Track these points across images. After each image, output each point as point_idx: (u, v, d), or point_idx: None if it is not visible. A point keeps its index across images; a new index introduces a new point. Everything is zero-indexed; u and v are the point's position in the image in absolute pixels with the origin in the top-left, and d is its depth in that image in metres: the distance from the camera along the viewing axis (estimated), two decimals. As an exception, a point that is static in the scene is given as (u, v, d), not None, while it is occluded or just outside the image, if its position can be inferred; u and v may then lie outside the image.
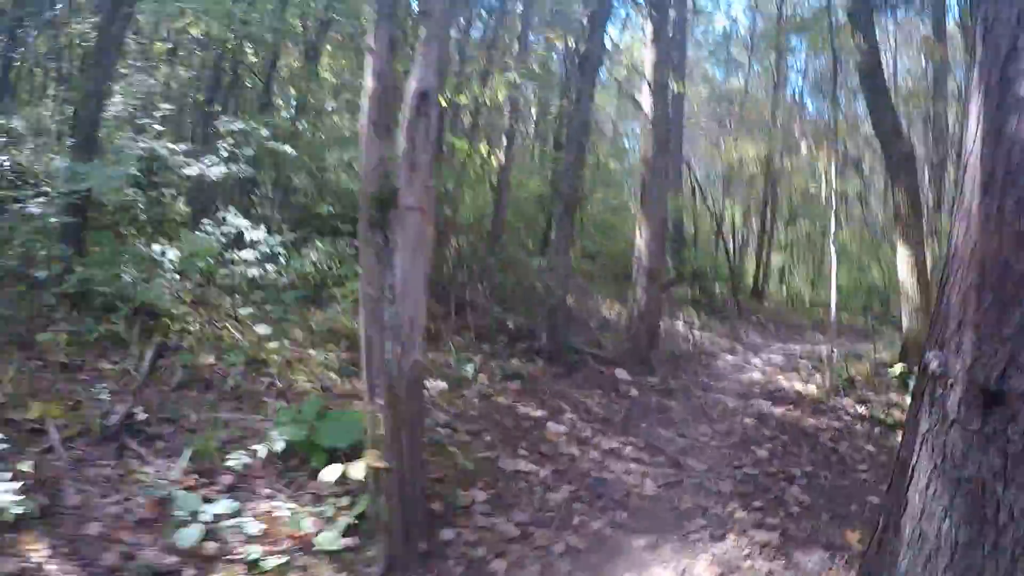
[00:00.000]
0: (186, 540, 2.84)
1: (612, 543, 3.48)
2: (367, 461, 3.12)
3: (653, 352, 7.47)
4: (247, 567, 2.80)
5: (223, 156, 6.24)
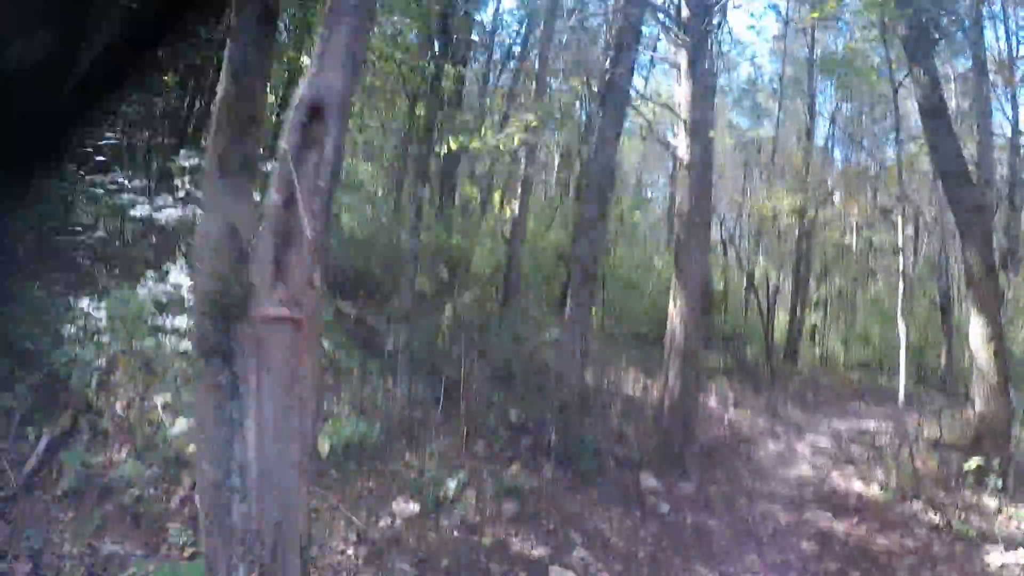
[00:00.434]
0: None
1: None
2: None
3: (687, 448, 6.20)
4: None
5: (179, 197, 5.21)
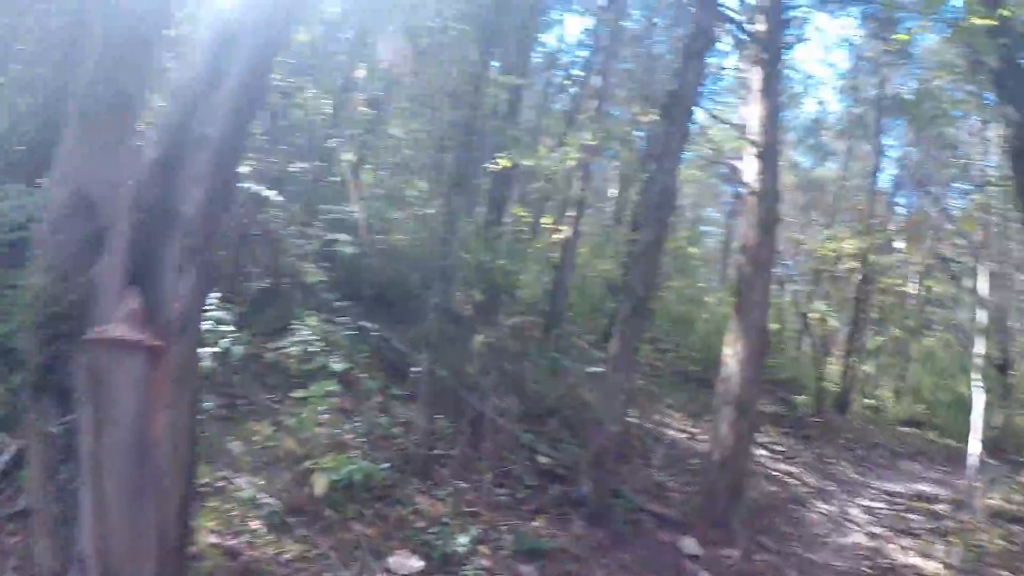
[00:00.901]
0: None
1: None
2: None
3: (733, 508, 5.66)
4: None
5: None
